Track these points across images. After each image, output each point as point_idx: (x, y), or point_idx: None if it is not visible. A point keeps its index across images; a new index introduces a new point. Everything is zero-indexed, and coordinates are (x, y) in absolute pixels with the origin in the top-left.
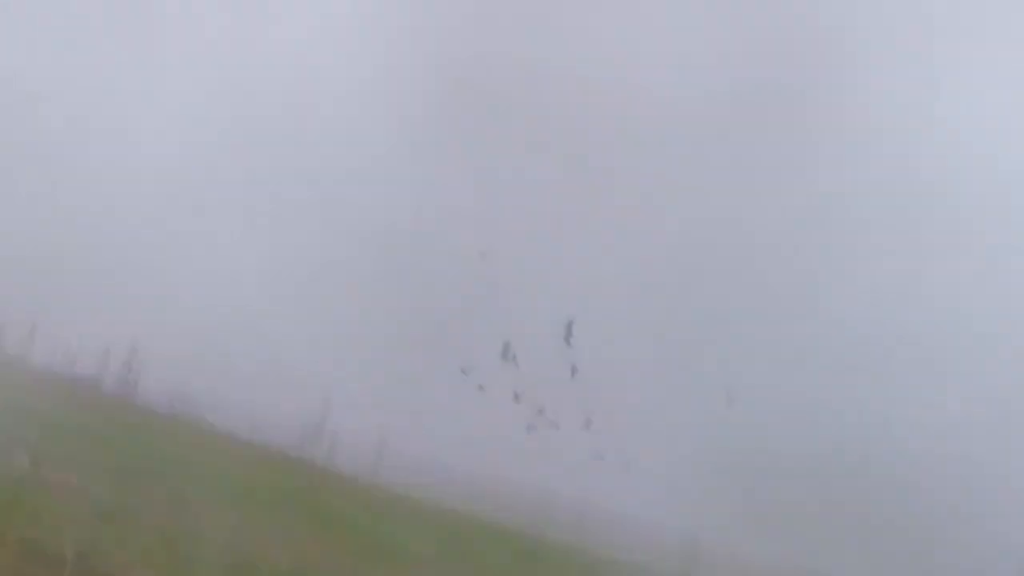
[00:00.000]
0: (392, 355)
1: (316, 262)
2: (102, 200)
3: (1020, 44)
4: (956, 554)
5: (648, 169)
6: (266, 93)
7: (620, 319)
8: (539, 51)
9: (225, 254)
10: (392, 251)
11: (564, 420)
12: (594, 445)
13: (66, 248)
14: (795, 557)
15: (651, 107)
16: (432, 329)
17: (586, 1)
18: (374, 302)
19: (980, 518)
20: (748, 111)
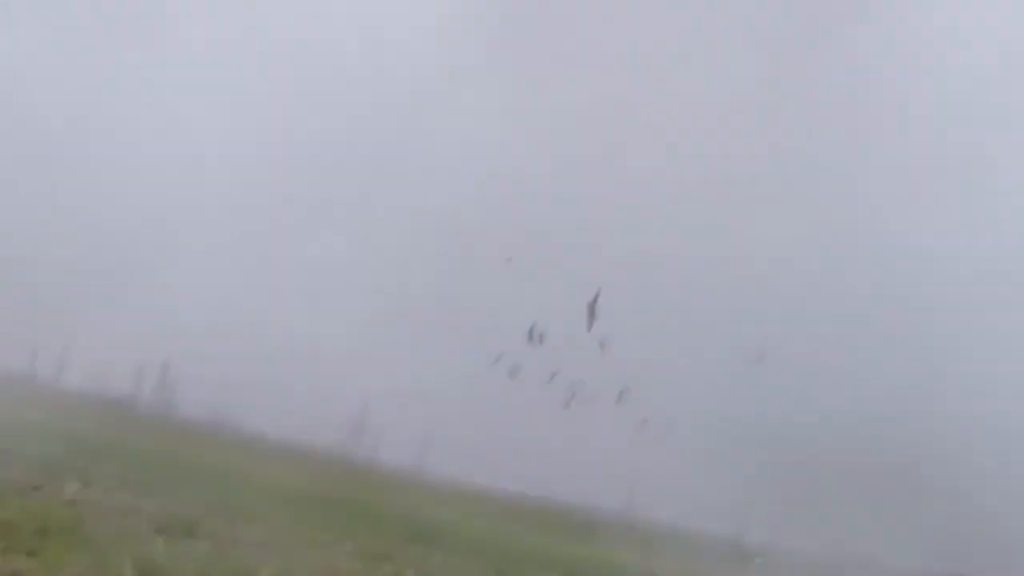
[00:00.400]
0: (425, 347)
1: (344, 259)
2: (114, 207)
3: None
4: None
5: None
6: (269, 92)
7: (646, 287)
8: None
9: (256, 256)
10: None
11: (599, 394)
12: (631, 415)
13: (82, 258)
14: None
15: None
16: (461, 318)
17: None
18: (402, 293)
19: None
20: None
